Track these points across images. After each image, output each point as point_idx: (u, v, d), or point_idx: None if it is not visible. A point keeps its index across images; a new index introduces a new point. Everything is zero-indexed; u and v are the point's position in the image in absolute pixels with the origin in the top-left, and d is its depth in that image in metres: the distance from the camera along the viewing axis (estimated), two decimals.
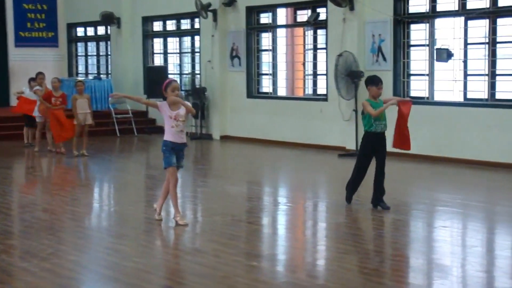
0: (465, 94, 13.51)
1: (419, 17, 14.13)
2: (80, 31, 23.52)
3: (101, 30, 22.36)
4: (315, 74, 16.42)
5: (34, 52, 21.14)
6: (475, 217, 9.00)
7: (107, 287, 6.25)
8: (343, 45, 14.80)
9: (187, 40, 19.71)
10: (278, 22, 17.22)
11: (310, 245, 7.87)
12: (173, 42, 20.07)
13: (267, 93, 17.39)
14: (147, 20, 20.32)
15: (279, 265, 6.93)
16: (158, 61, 20.44)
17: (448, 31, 13.68)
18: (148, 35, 20.42)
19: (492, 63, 13.01)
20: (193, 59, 19.41)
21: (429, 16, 13.90)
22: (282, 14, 17.24)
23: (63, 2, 22.27)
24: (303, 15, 16.50)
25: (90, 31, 23.08)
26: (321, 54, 16.04)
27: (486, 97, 13.11)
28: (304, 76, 16.87)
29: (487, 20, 13.03)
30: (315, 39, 16.33)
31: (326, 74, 15.53)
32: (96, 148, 15.58)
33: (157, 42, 20.48)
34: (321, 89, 16.08)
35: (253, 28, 17.36)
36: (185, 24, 19.56)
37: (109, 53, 21.87)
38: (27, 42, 21.27)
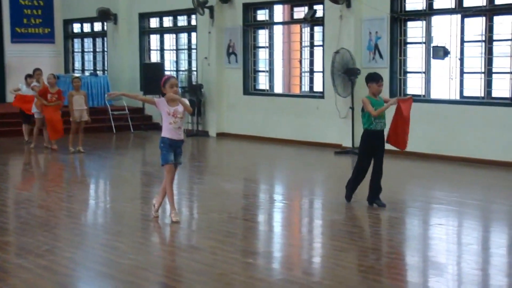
0: (462, 92, 13.53)
1: (416, 15, 14.13)
2: (77, 27, 23.50)
3: (98, 27, 22.34)
4: (312, 71, 16.42)
5: (31, 48, 21.07)
6: (471, 215, 9.01)
7: (103, 284, 6.24)
8: (340, 43, 14.80)
9: (184, 37, 19.69)
10: (275, 19, 17.21)
11: (306, 243, 7.87)
12: (170, 39, 20.05)
13: (264, 90, 17.39)
14: (144, 17, 20.30)
15: (275, 263, 6.93)
16: (155, 58, 20.42)
17: (445, 29, 13.69)
18: (145, 32, 20.40)
19: (489, 61, 13.03)
20: (190, 56, 19.40)
21: (426, 14, 13.91)
22: (279, 11, 17.24)
23: None
24: (300, 12, 16.51)
25: (87, 27, 23.06)
26: (318, 51, 16.04)
27: (483, 95, 13.13)
28: (301, 73, 16.87)
29: (484, 18, 13.04)
30: (312, 36, 16.33)
31: (323, 71, 15.53)
32: (92, 145, 15.56)
33: (154, 39, 20.47)
34: (318, 86, 16.09)
35: (250, 25, 17.35)
36: (182, 21, 19.55)
37: (106, 50, 21.85)
38: (24, 38, 21.20)
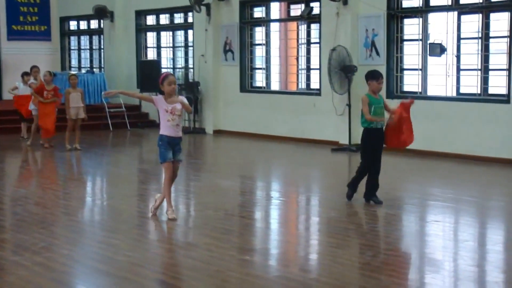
0: (458, 89, 13.54)
1: (413, 12, 14.14)
2: (73, 25, 23.46)
3: (94, 24, 22.31)
4: (309, 69, 16.42)
5: (27, 46, 21.04)
6: (467, 212, 9.02)
7: (100, 281, 6.24)
8: (337, 40, 14.80)
9: (181, 34, 19.67)
10: (272, 16, 17.20)
11: (303, 239, 7.87)
12: (166, 36, 20.02)
13: (261, 88, 17.38)
14: (140, 14, 20.27)
15: (272, 259, 6.93)
16: (151, 55, 20.40)
17: (441, 26, 13.69)
18: (141, 29, 20.38)
19: (485, 58, 13.03)
20: (186, 53, 19.38)
21: (422, 11, 13.91)
22: (276, 8, 17.22)
23: None
24: (297, 9, 16.49)
25: (83, 25, 23.02)
26: (315, 49, 16.04)
27: (479, 92, 13.14)
28: (298, 71, 16.86)
29: (480, 15, 13.05)
30: (309, 34, 16.33)
31: (320, 69, 15.53)
32: (89, 142, 15.54)
33: (150, 36, 20.44)
34: (315, 84, 16.08)
35: (247, 22, 17.34)
36: (179, 18, 19.52)
37: (102, 47, 21.81)
38: (20, 36, 21.17)
